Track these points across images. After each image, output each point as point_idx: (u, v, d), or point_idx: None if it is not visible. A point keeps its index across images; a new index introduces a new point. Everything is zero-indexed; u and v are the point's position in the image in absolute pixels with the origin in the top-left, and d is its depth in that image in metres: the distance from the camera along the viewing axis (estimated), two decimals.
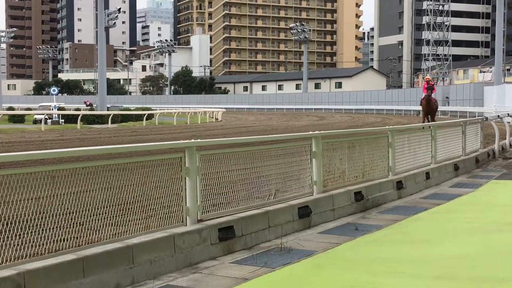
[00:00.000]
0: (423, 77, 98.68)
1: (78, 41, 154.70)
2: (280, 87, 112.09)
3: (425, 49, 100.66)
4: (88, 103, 63.16)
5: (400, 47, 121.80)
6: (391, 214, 9.05)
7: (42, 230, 4.99)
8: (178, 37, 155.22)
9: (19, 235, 4.80)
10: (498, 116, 21.38)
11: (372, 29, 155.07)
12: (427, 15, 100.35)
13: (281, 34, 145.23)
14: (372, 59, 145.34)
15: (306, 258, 6.36)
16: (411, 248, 6.89)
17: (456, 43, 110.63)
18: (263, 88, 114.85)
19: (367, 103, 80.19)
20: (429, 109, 23.12)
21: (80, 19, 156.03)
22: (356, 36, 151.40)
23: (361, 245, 7.08)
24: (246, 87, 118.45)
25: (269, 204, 7.49)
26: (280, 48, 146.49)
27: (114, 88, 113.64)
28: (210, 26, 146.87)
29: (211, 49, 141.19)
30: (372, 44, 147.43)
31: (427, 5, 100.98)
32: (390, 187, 10.32)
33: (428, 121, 22.22)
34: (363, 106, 79.27)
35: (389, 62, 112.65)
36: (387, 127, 11.23)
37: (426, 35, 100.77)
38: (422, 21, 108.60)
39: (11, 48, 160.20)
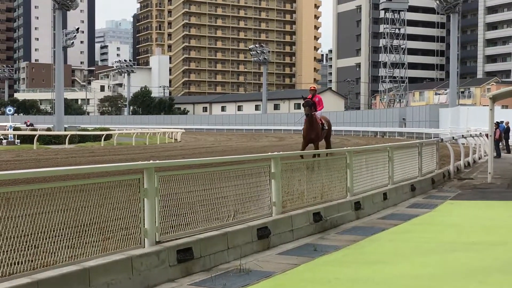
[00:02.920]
0: (380, 99, 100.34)
1: (35, 60, 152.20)
2: (239, 108, 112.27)
3: (382, 71, 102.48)
4: (28, 123, 62.19)
5: (358, 69, 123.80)
6: (349, 234, 9.11)
7: None
8: (137, 57, 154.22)
9: None
10: (453, 137, 21.82)
11: (330, 51, 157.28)
12: (384, 38, 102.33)
13: (240, 55, 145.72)
14: (330, 81, 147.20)
15: (265, 279, 6.34)
16: (369, 268, 6.93)
17: (412, 66, 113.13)
18: (223, 108, 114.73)
19: None
20: (312, 134, 16.23)
21: (37, 39, 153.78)
22: (314, 58, 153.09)
23: (320, 265, 7.09)
24: (206, 107, 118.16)
25: (228, 225, 7.47)
26: (239, 69, 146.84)
27: (72, 108, 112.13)
28: (169, 46, 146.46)
29: (170, 70, 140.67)
30: (331, 66, 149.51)
31: (384, 28, 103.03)
32: (348, 207, 10.40)
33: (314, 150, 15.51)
34: None
35: (347, 84, 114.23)
36: (345, 148, 11.34)
37: (383, 57, 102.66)
38: (379, 43, 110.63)
39: None
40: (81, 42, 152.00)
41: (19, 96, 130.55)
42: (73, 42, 65.71)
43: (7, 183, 6.06)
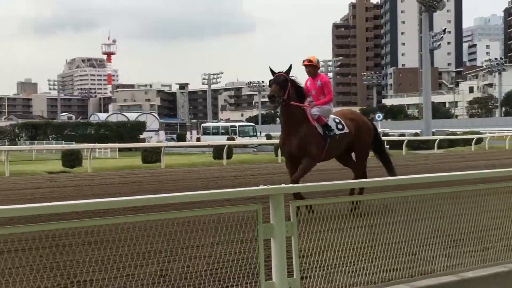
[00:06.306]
0: None
1: (402, 65, 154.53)
2: None
3: None
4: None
5: None
6: None
7: (374, 258, 5.01)
8: (508, 54, 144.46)
9: (352, 262, 4.88)
10: None
11: None
12: None
13: None
14: None
15: None
16: None
17: None
18: None
19: None
20: (291, 144, 8.96)
21: (403, 43, 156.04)
22: None
23: None
24: None
25: None
26: None
27: (439, 111, 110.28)
28: None
29: None
30: None
31: None
32: None
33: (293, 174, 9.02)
34: None
35: None
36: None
37: None
38: None
39: (337, 77, 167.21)
40: (448, 43, 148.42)
41: (387, 102, 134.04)
42: (439, 44, 65.02)
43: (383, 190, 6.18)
